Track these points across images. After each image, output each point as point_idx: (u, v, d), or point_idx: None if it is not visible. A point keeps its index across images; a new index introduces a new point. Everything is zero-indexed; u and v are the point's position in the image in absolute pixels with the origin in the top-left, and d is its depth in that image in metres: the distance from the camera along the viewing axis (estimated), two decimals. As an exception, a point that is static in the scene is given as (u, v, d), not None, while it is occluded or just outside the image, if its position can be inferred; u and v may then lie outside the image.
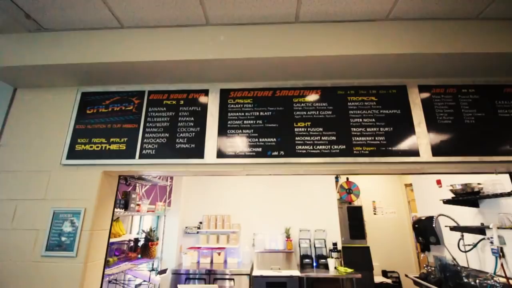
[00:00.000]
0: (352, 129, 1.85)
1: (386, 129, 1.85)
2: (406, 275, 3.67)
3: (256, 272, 3.87)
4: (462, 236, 2.98)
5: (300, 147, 1.83)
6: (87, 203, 1.82)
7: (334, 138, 1.84)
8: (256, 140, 1.87)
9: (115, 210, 2.12)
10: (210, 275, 3.97)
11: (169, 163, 1.86)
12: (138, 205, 2.79)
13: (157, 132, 1.93)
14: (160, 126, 1.95)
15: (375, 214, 6.00)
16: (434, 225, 3.48)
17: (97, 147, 1.93)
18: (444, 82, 1.94)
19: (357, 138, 1.83)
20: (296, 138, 1.85)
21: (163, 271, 3.60)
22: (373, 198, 6.08)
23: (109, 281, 2.75)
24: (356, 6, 1.69)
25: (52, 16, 1.79)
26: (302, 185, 4.98)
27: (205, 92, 2.01)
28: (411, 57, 1.77)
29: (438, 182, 3.66)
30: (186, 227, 4.90)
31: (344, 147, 1.81)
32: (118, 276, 2.78)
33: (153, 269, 3.29)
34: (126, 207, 2.50)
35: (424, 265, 3.54)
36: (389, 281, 4.84)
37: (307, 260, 4.38)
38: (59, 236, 1.76)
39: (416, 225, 4.01)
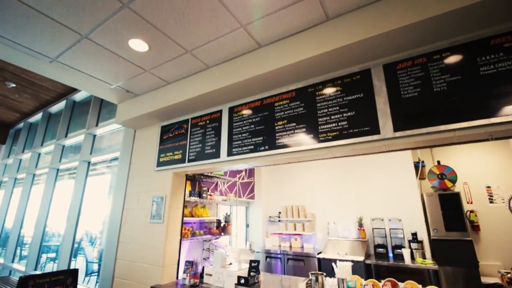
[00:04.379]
0: (318, 119, 2.17)
1: (349, 113, 2.05)
2: None
3: (322, 255, 4.24)
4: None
5: (278, 141, 2.33)
6: (166, 192, 3.05)
7: (304, 129, 2.22)
8: (250, 140, 2.52)
9: (192, 197, 3.30)
10: (285, 255, 4.68)
11: (201, 163, 2.81)
12: (210, 195, 3.93)
13: (195, 144, 2.94)
14: (196, 140, 2.95)
15: (492, 202, 4.81)
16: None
17: (169, 158, 3.16)
18: (411, 54, 1.90)
19: (323, 126, 2.13)
20: (276, 135, 2.36)
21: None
22: (487, 182, 4.90)
23: (203, 249, 4.00)
24: (296, 21, 2.06)
25: (138, 88, 3.17)
26: (376, 175, 4.84)
27: (220, 112, 2.86)
28: (366, 42, 1.91)
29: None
30: (270, 216, 5.80)
31: (312, 135, 2.16)
32: (207, 245, 3.99)
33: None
34: (200, 196, 3.67)
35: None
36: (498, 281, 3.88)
37: (380, 250, 4.27)
38: (155, 212, 3.06)
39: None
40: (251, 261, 2.76)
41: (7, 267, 5.31)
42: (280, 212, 5.62)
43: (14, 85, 5.09)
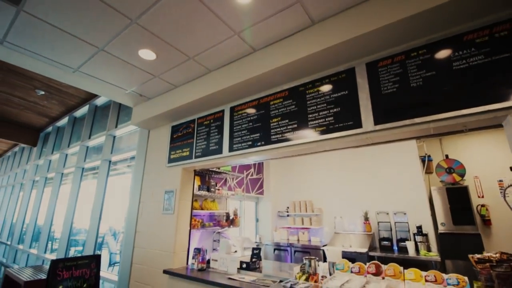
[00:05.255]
0: (308, 115, 2.35)
1: (335, 110, 2.21)
2: None
3: (327, 247, 4.37)
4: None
5: (273, 136, 2.54)
6: (176, 186, 3.34)
7: (296, 125, 2.41)
8: (248, 136, 2.74)
9: (201, 191, 3.58)
10: (291, 248, 4.87)
11: (206, 159, 3.07)
12: (218, 189, 4.20)
13: (200, 142, 3.21)
14: (202, 138, 3.22)
15: (508, 196, 4.72)
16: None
17: (178, 155, 3.45)
18: (391, 52, 2.04)
19: (312, 122, 2.31)
20: (271, 131, 2.57)
21: (257, 246, 4.89)
22: (498, 176, 4.81)
23: (213, 240, 4.29)
24: (284, 26, 2.25)
25: (150, 92, 3.49)
26: (382, 170, 4.89)
27: (222, 111, 3.10)
28: (349, 42, 2.06)
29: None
30: (279, 211, 5.99)
31: (302, 131, 2.35)
32: (216, 236, 4.27)
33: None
34: (208, 190, 3.95)
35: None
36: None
37: (385, 243, 4.35)
38: (167, 204, 3.37)
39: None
40: (253, 249, 2.99)
41: (40, 257, 5.90)
42: (288, 207, 5.79)
43: (43, 93, 5.65)
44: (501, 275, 1.44)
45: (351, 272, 2.12)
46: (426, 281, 1.85)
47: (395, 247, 4.28)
